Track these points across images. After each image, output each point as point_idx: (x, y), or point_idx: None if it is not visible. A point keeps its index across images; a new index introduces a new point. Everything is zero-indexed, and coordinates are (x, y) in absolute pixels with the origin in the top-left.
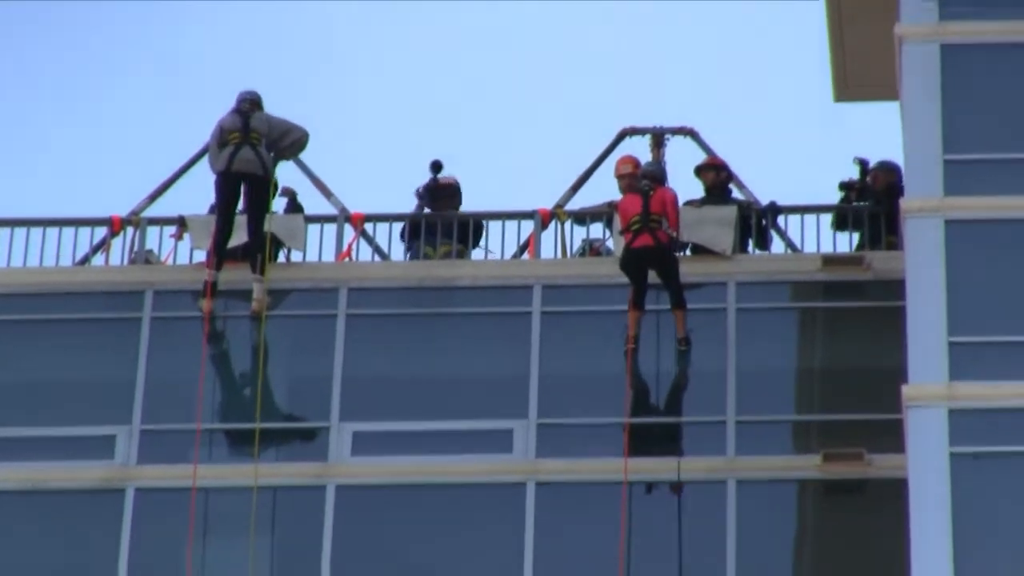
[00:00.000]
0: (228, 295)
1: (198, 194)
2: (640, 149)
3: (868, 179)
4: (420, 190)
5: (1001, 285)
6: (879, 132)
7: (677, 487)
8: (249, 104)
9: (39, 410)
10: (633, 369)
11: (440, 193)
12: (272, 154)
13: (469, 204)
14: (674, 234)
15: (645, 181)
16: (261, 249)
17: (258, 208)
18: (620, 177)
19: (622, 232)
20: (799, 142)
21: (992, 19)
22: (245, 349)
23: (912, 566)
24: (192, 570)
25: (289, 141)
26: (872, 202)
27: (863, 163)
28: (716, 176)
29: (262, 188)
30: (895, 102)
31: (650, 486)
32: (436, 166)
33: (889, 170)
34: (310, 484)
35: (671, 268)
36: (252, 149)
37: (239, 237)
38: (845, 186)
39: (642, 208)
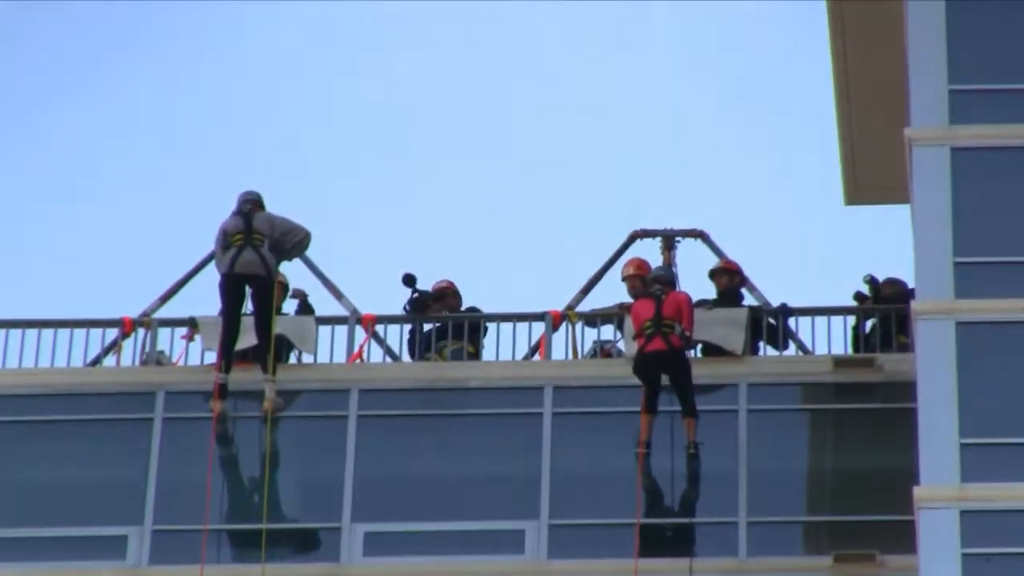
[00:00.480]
0: (238, 396)
1: (209, 295)
2: (651, 251)
3: (878, 292)
4: (406, 307)
5: (1011, 387)
6: (890, 234)
7: None
8: (251, 205)
9: (51, 510)
10: (645, 471)
11: (426, 302)
12: (275, 254)
13: (482, 306)
14: (689, 335)
15: (657, 286)
16: (270, 349)
17: (264, 309)
18: (625, 279)
19: (635, 337)
20: (809, 244)
21: (1002, 122)
22: (255, 450)
23: None
24: None
25: (291, 243)
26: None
27: (873, 281)
28: (729, 280)
29: (266, 288)
30: (906, 205)
31: None
32: (408, 279)
33: (896, 282)
34: None
35: (683, 373)
36: (255, 251)
37: (248, 339)
38: (858, 298)
39: (654, 312)
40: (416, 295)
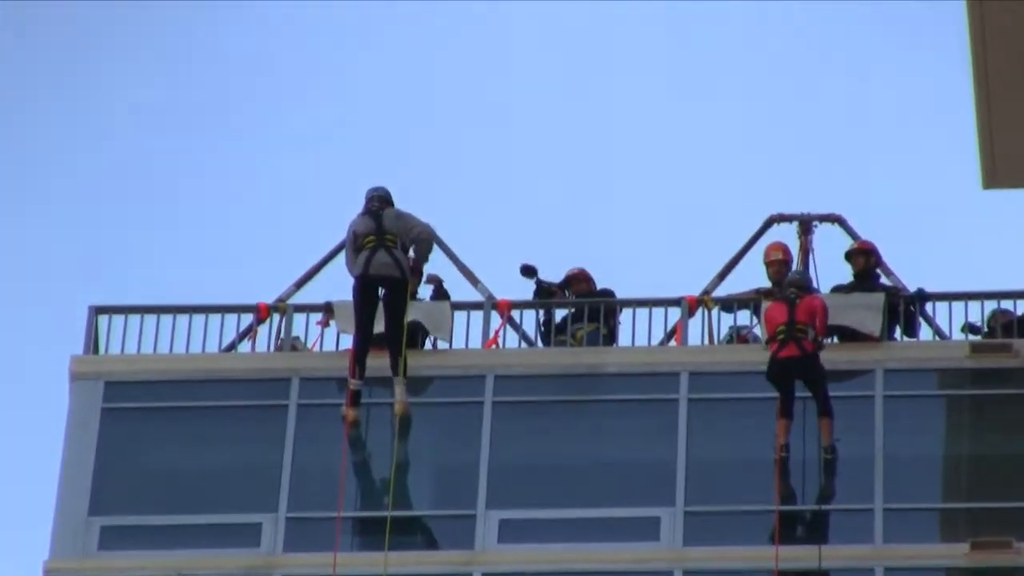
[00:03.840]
0: (371, 381)
1: (344, 280)
2: (787, 236)
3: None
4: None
5: None
6: None
7: (824, 575)
8: (379, 203)
9: (185, 497)
10: (781, 476)
11: (551, 291)
12: (410, 256)
13: (617, 292)
14: (821, 341)
15: (792, 289)
16: (402, 352)
17: (397, 310)
18: (770, 264)
19: (767, 342)
20: (946, 229)
21: None
22: (388, 436)
23: None
24: None
25: (414, 244)
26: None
27: (974, 329)
28: (866, 261)
29: (400, 290)
30: None
31: (799, 574)
32: (527, 271)
33: (1005, 312)
34: (457, 572)
35: (818, 377)
36: (387, 252)
37: (378, 326)
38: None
39: (787, 317)
40: (539, 285)
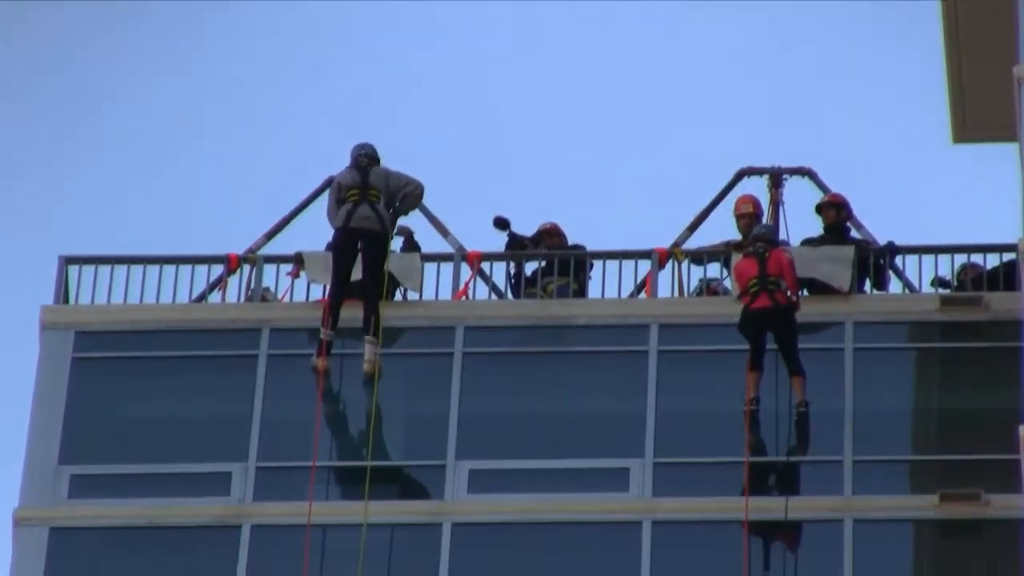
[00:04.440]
0: (343, 333)
1: (315, 231)
2: (758, 188)
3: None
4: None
5: None
6: (997, 173)
7: (793, 525)
8: (367, 159)
9: (155, 447)
10: (751, 428)
11: (523, 244)
12: (391, 211)
13: (588, 244)
14: (793, 298)
15: (760, 243)
16: (375, 311)
17: (375, 265)
18: (740, 216)
19: (739, 296)
20: (916, 183)
21: None
22: (360, 387)
23: None
24: None
25: (403, 196)
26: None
27: (943, 283)
28: (836, 214)
29: (380, 245)
30: (1014, 144)
31: (766, 524)
32: (500, 223)
33: (975, 266)
34: (426, 522)
35: (790, 331)
36: (370, 206)
37: (354, 276)
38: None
39: (759, 270)
40: (511, 237)
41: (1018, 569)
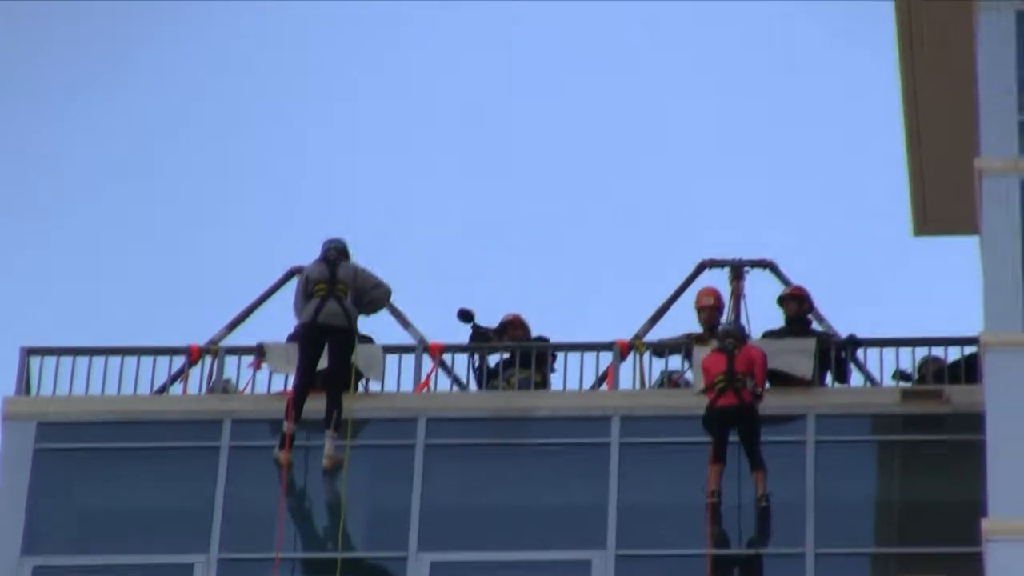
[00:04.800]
0: (306, 424)
1: (277, 322)
2: (719, 281)
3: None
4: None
5: None
6: (958, 265)
7: None
8: (336, 253)
9: (119, 539)
10: (713, 521)
11: (487, 336)
12: (356, 307)
13: (550, 336)
14: (761, 392)
15: (729, 339)
16: (338, 404)
17: (341, 360)
18: (701, 309)
19: (704, 390)
20: (877, 276)
21: None
22: (323, 478)
23: None
24: None
25: (370, 298)
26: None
27: (904, 376)
28: (798, 307)
29: (346, 341)
30: (975, 236)
31: None
32: (464, 315)
33: (936, 359)
34: None
35: (754, 428)
36: (338, 302)
37: (320, 363)
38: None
39: (727, 367)
40: (475, 329)
41: None
